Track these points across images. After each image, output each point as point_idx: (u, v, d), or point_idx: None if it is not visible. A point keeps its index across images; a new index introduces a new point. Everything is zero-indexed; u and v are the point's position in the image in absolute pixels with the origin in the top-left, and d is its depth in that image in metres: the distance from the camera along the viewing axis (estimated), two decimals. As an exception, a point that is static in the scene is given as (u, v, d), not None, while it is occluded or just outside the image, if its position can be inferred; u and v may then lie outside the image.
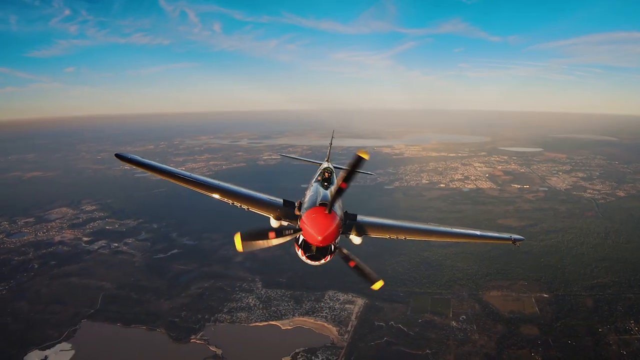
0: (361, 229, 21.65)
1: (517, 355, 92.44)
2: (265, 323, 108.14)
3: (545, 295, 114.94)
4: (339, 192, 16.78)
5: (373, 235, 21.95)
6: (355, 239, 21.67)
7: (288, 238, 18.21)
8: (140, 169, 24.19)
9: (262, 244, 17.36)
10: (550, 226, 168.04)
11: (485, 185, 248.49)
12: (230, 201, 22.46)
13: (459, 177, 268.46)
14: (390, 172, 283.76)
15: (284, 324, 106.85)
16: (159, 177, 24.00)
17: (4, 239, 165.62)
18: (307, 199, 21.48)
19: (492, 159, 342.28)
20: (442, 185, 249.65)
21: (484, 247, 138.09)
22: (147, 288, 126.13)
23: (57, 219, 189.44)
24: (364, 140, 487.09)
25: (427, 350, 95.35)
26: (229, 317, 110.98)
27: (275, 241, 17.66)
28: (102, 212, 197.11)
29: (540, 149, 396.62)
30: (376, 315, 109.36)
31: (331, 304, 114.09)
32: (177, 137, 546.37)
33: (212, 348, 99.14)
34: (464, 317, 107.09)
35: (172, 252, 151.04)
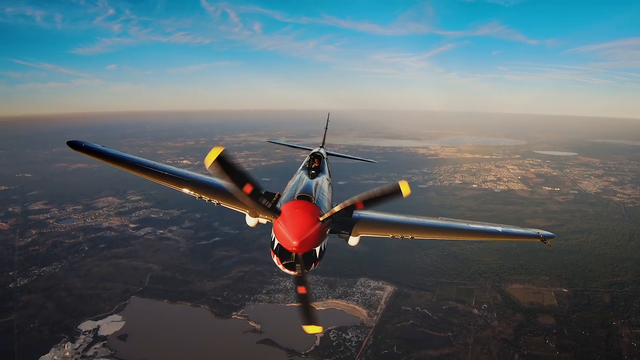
0: (357, 227, 18.59)
1: (532, 342, 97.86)
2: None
3: (565, 290, 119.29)
4: (349, 209, 14.00)
5: (372, 235, 18.82)
6: (350, 240, 18.61)
7: (259, 210, 16.54)
8: (98, 160, 21.45)
9: (229, 184, 13.49)
10: (577, 227, 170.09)
11: (516, 186, 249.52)
12: (197, 195, 19.68)
13: (492, 179, 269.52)
14: (425, 172, 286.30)
15: (317, 305, 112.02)
16: (120, 168, 21.65)
17: (55, 223, 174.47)
18: (286, 190, 18.43)
19: (526, 162, 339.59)
20: (474, 185, 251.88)
21: (510, 244, 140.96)
22: (191, 270, 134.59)
23: (104, 207, 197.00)
24: (400, 140, 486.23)
25: (449, 333, 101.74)
26: (268, 297, 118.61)
27: (242, 197, 14.21)
28: (146, 202, 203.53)
29: (575, 153, 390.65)
30: (404, 300, 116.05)
31: (362, 290, 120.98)
32: (217, 134, 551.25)
33: (252, 323, 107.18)
34: (486, 305, 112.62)
35: (215, 239, 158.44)
